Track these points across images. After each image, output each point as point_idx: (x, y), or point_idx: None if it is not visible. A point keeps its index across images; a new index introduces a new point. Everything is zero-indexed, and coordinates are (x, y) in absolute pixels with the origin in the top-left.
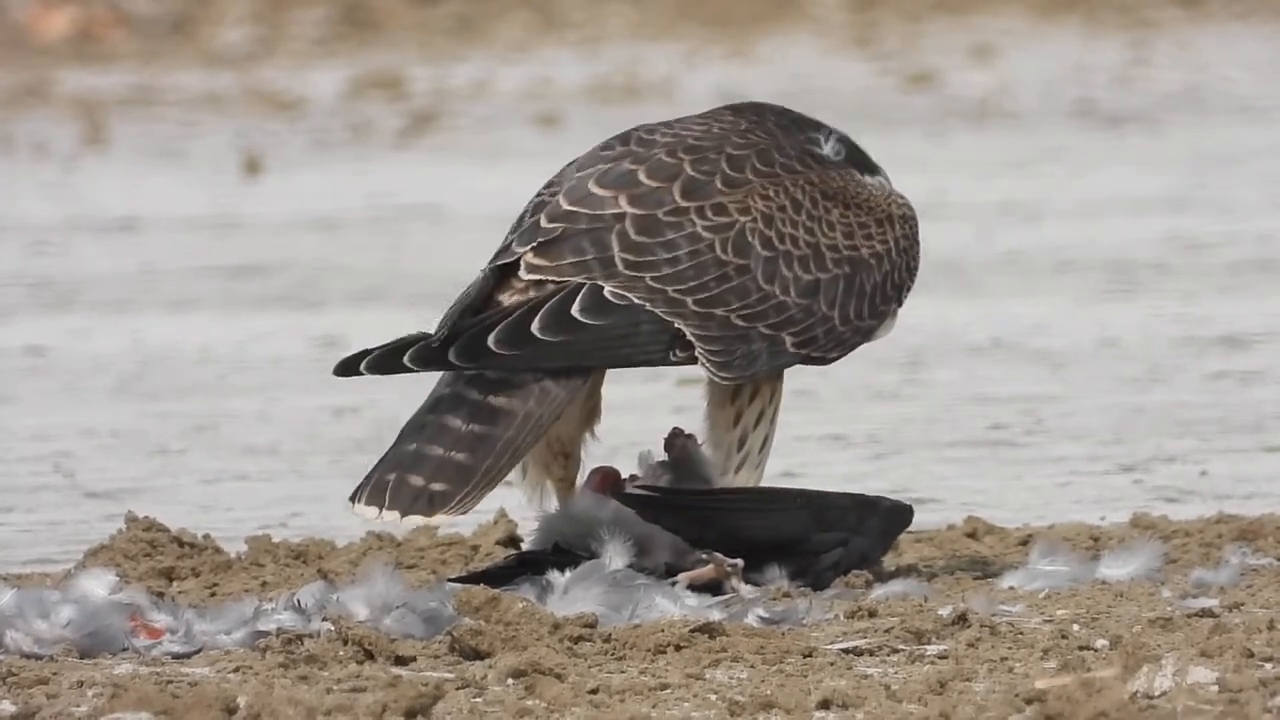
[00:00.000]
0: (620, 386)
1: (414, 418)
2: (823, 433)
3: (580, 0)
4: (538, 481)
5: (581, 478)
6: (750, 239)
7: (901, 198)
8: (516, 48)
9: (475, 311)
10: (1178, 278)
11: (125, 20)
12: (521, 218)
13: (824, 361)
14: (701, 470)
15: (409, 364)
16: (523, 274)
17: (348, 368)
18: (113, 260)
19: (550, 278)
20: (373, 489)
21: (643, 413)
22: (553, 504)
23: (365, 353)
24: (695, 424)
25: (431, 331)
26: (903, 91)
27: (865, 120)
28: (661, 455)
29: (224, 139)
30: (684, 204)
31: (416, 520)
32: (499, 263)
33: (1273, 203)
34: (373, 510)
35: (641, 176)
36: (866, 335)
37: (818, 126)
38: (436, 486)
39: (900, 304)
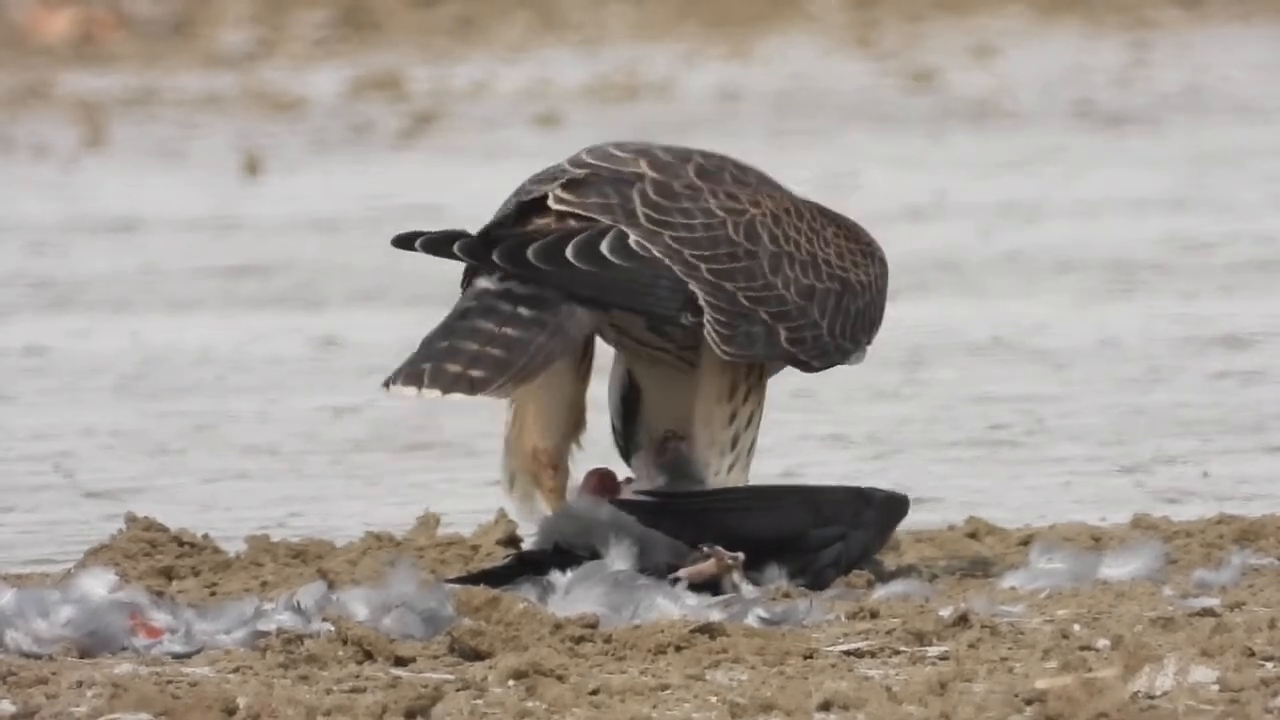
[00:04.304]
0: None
1: (442, 323)
2: (823, 432)
3: (580, 0)
4: (527, 493)
5: (574, 483)
6: (759, 230)
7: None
8: (516, 48)
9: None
10: (1177, 278)
11: (125, 21)
12: (518, 192)
13: (808, 368)
14: (695, 472)
15: (458, 253)
16: (550, 203)
17: (404, 242)
18: (113, 260)
19: (577, 211)
20: (408, 374)
21: None
22: (545, 513)
23: (421, 233)
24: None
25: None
26: (903, 91)
27: (865, 120)
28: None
29: (224, 139)
30: (699, 183)
31: (457, 397)
32: (521, 200)
33: (1273, 203)
34: (411, 389)
35: (658, 151)
36: (844, 356)
37: None
38: (475, 373)
39: (870, 342)
